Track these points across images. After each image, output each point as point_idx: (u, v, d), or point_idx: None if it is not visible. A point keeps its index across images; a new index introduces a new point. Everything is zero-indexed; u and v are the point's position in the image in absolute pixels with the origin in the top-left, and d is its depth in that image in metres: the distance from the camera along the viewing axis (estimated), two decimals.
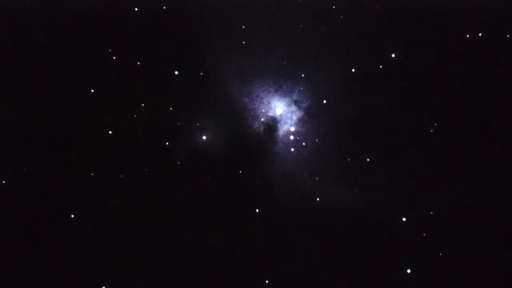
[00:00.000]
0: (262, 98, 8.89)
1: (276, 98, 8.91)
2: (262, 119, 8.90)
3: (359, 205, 8.81)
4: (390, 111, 8.90)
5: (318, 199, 8.80)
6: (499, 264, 8.64)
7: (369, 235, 8.84)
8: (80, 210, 8.72)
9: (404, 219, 8.71)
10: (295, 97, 8.92)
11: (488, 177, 8.76)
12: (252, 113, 8.88)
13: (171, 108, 8.80)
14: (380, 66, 8.82)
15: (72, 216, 8.67)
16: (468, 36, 8.86)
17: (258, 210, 8.80)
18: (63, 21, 8.74)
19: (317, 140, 8.92)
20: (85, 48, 8.80)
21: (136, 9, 8.74)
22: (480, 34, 8.84)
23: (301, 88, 8.88)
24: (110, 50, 8.76)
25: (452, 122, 8.89)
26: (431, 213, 8.72)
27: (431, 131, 8.82)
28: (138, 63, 8.79)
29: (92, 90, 8.74)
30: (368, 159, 8.82)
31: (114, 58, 8.79)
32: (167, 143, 8.79)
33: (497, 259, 8.64)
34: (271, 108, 8.92)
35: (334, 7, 8.85)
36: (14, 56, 8.76)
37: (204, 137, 8.80)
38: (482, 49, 8.88)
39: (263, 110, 8.91)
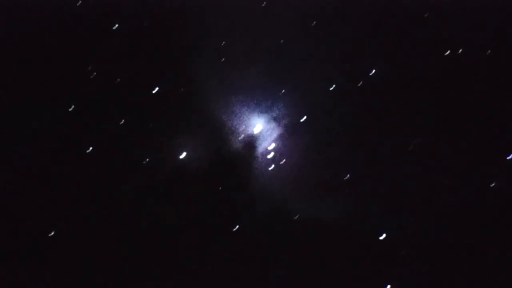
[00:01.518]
0: (242, 115, 8.91)
1: (256, 115, 8.93)
2: (242, 136, 8.92)
3: (339, 221, 8.80)
4: (370, 127, 8.93)
5: (297, 215, 8.80)
6: (479, 279, 8.65)
7: (349, 251, 8.83)
8: (59, 228, 8.70)
9: (384, 235, 8.72)
10: (274, 114, 8.96)
11: (468, 194, 8.79)
12: (232, 130, 8.90)
13: (151, 125, 8.81)
14: (360, 83, 8.86)
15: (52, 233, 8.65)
16: (447, 53, 8.93)
17: (238, 226, 8.79)
18: (43, 38, 8.78)
19: (296, 156, 8.94)
20: (65, 64, 8.83)
21: (115, 26, 8.78)
22: (460, 51, 8.93)
23: (281, 105, 8.91)
24: (89, 68, 8.79)
25: (433, 139, 8.93)
26: (410, 230, 8.73)
27: (411, 147, 8.85)
28: (118, 79, 8.81)
29: (71, 108, 8.75)
30: (347, 176, 8.84)
31: (94, 74, 8.81)
32: (147, 160, 8.79)
33: (477, 275, 8.65)
34: (251, 125, 8.94)
35: (314, 23, 8.91)
36: None
37: (184, 154, 8.81)
38: (461, 66, 8.94)
39: (243, 127, 8.93)
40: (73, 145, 8.86)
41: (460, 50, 8.95)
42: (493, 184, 8.67)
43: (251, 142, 8.93)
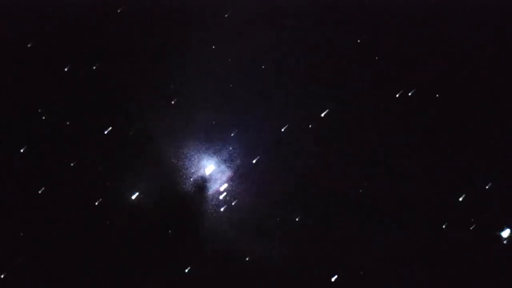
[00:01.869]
0: (192, 157, 8.89)
1: (206, 157, 8.91)
2: (192, 178, 8.89)
3: (291, 263, 8.78)
4: (322, 167, 8.92)
5: (247, 258, 8.77)
6: None
7: None
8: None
9: (333, 279, 8.70)
10: (226, 155, 8.93)
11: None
12: (182, 172, 8.87)
13: (100, 167, 8.78)
14: (309, 125, 8.86)
15: None
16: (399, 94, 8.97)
17: (188, 269, 8.76)
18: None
19: (248, 197, 8.91)
20: (15, 104, 8.84)
21: (65, 69, 8.79)
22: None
23: (231, 148, 8.89)
24: (39, 111, 8.78)
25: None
26: (361, 272, 8.72)
27: (360, 191, 8.85)
28: (67, 122, 8.79)
29: (22, 150, 8.73)
30: (297, 218, 8.82)
31: (44, 117, 8.79)
32: (96, 203, 8.76)
33: None
34: (201, 167, 8.92)
35: (263, 67, 8.92)
36: None
37: (133, 197, 8.78)
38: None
39: (193, 170, 8.90)
40: (24, 185, 8.82)
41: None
42: None
43: (202, 183, 8.91)
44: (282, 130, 8.87)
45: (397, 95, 8.95)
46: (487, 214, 8.75)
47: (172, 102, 8.85)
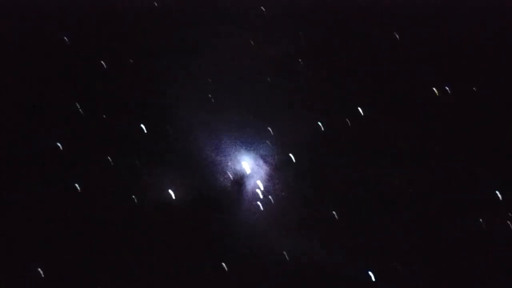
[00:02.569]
0: (230, 154, 8.92)
1: (243, 153, 8.94)
2: (230, 174, 8.92)
3: (328, 260, 8.81)
4: (357, 166, 8.99)
5: (284, 252, 8.80)
6: None
7: None
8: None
9: (370, 273, 8.75)
10: (262, 152, 8.97)
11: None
12: (220, 169, 8.89)
13: (137, 163, 8.77)
14: (348, 122, 8.95)
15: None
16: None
17: (225, 264, 8.76)
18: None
19: (283, 194, 8.95)
20: (53, 100, 8.80)
21: (102, 62, 8.79)
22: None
23: (268, 143, 8.94)
24: (77, 104, 8.76)
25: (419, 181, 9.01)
26: (398, 267, 8.78)
27: (396, 182, 8.92)
28: (104, 116, 8.78)
29: (59, 144, 8.70)
30: (334, 212, 8.87)
31: (81, 111, 8.77)
32: (134, 198, 8.73)
33: None
34: (239, 163, 8.95)
35: (300, 61, 9.00)
36: None
37: (171, 192, 8.77)
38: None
39: (231, 166, 8.93)
40: (61, 182, 8.78)
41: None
42: None
43: (238, 180, 8.93)
44: (320, 124, 8.93)
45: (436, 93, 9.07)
46: None
47: (211, 99, 8.88)
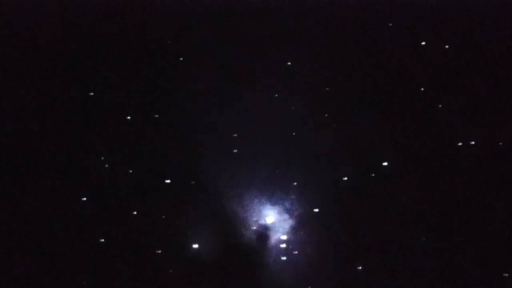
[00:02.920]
0: (254, 207, 8.90)
1: (268, 206, 8.92)
2: (254, 228, 8.89)
3: None
4: (382, 220, 8.91)
5: None
6: None
7: None
8: None
9: None
10: (287, 206, 8.94)
11: None
12: (244, 222, 8.87)
13: (163, 217, 8.80)
14: (372, 174, 8.89)
15: None
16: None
17: None
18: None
19: (309, 247, 8.88)
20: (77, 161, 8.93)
21: (128, 117, 8.92)
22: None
23: (293, 197, 8.91)
24: (102, 158, 8.85)
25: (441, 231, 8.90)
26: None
27: (423, 239, 8.81)
28: (130, 171, 8.84)
29: (84, 199, 8.77)
30: (359, 268, 8.77)
31: (106, 166, 8.86)
32: (159, 252, 8.74)
33: None
34: (263, 216, 8.92)
35: (326, 115, 9.01)
36: None
37: (195, 246, 8.76)
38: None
39: (255, 219, 8.91)
40: (84, 235, 8.82)
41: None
42: None
43: (262, 234, 8.90)
44: (345, 178, 8.89)
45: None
46: None
47: (235, 151, 8.91)
